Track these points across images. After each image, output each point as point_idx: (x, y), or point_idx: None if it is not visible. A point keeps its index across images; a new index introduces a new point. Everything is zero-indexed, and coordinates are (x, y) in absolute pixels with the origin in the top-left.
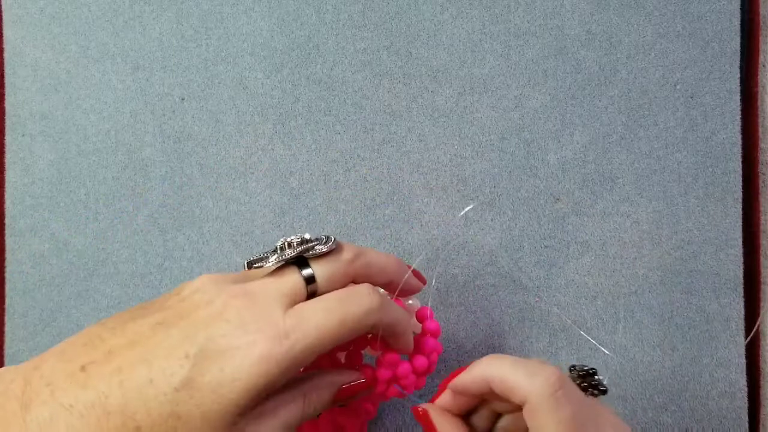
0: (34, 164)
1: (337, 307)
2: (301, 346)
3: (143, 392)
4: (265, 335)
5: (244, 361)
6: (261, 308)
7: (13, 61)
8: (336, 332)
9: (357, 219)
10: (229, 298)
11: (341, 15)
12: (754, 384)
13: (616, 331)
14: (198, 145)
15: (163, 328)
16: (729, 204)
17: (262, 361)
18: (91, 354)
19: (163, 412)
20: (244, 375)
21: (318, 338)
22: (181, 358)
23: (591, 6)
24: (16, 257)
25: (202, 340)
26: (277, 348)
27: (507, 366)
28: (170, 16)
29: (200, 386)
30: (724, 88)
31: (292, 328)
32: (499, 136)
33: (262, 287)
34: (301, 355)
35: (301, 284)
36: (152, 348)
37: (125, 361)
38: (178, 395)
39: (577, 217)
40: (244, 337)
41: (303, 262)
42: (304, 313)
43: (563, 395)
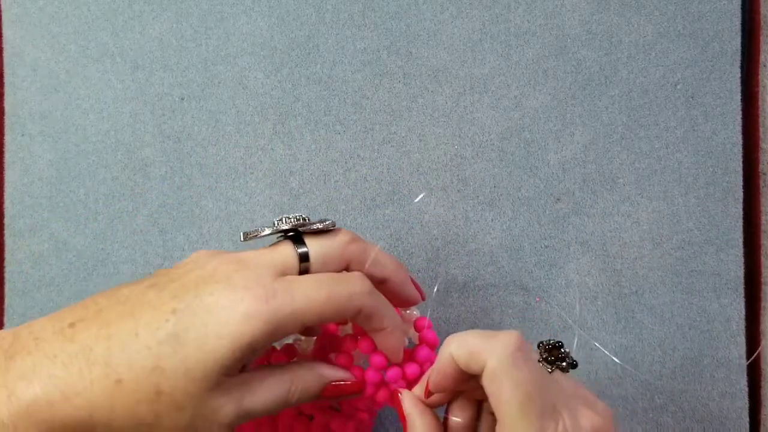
0: (34, 164)
1: (326, 281)
2: (287, 310)
3: (127, 345)
4: (252, 294)
5: (230, 318)
6: (251, 272)
7: (12, 61)
8: (322, 305)
9: (357, 219)
10: (220, 264)
11: (341, 15)
12: (755, 384)
13: (616, 331)
14: (198, 145)
15: (155, 290)
16: (729, 204)
17: (247, 319)
18: (82, 313)
19: (146, 365)
20: (228, 332)
21: (305, 306)
22: (167, 313)
23: (591, 6)
24: (16, 257)
25: (190, 297)
26: (263, 307)
27: (467, 336)
28: (170, 15)
29: (184, 341)
30: (724, 88)
31: (280, 291)
32: (499, 136)
33: (255, 256)
34: (285, 320)
35: (294, 259)
36: (141, 305)
37: (113, 317)
38: (162, 349)
39: (578, 217)
40: (231, 295)
41: (299, 241)
42: (293, 282)
43: (521, 357)
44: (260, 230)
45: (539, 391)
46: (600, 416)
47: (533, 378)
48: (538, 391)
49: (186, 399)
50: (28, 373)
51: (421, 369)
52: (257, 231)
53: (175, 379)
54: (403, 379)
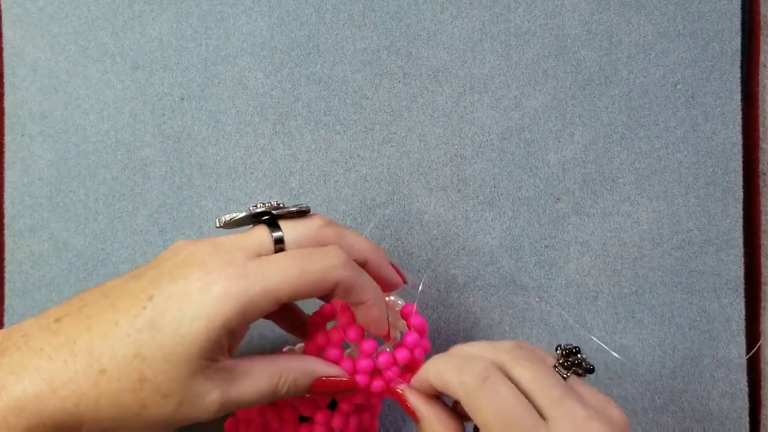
0: (34, 164)
1: (300, 256)
2: (260, 287)
3: (109, 335)
4: (224, 274)
5: (203, 300)
6: (225, 254)
7: (12, 61)
8: (296, 280)
9: (357, 219)
10: (196, 248)
11: (341, 15)
12: (755, 384)
13: (617, 331)
14: (198, 145)
15: (134, 279)
16: (729, 204)
17: (221, 300)
18: (67, 309)
19: (127, 353)
20: (202, 314)
21: (278, 282)
22: (144, 300)
23: (591, 6)
24: (16, 257)
25: (166, 283)
26: (235, 287)
27: (440, 365)
28: (170, 15)
29: (161, 327)
30: (724, 88)
31: (252, 270)
32: (499, 136)
33: (230, 240)
34: (258, 298)
35: (269, 242)
36: (121, 296)
37: (95, 309)
38: (141, 336)
39: (578, 217)
40: (205, 277)
41: (274, 225)
42: (266, 260)
43: (492, 384)
44: (236, 215)
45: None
46: (609, 426)
47: (508, 402)
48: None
49: (170, 385)
50: (16, 369)
51: (411, 354)
52: (233, 216)
53: (157, 365)
54: (396, 365)
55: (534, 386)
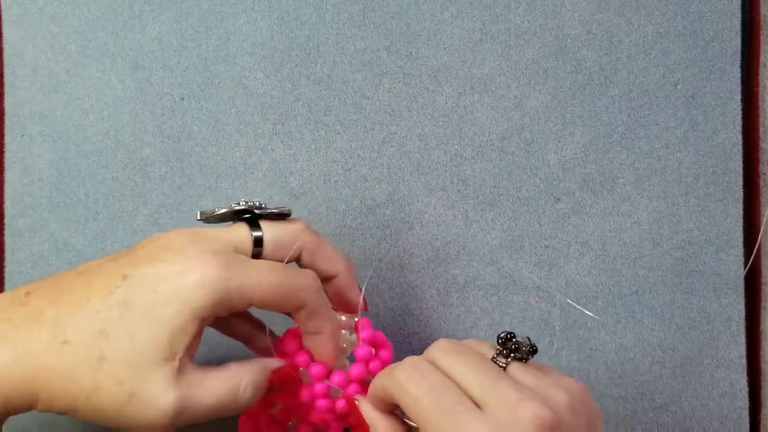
0: (34, 164)
1: (280, 270)
2: (238, 283)
3: (78, 309)
4: (204, 261)
5: (179, 284)
6: (206, 244)
7: (12, 61)
8: (273, 290)
9: (357, 219)
10: (177, 235)
11: (341, 15)
12: (755, 384)
13: (617, 331)
14: (198, 145)
15: (111, 260)
16: (729, 204)
17: (197, 286)
18: (40, 284)
19: (93, 328)
20: (176, 297)
21: (256, 285)
22: (118, 279)
23: (591, 6)
24: (16, 257)
25: (143, 265)
26: (215, 276)
27: (378, 375)
28: (170, 15)
29: (132, 306)
30: (724, 88)
31: (233, 264)
32: (499, 136)
33: (211, 232)
34: (234, 293)
35: (249, 240)
36: (96, 274)
37: (68, 285)
38: (110, 313)
39: (578, 217)
40: (183, 263)
41: (255, 225)
42: (247, 260)
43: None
44: (217, 209)
45: (450, 394)
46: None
47: (438, 386)
48: (449, 395)
49: (127, 370)
50: None
51: (367, 368)
52: (213, 210)
53: (120, 344)
54: (353, 382)
55: (465, 377)
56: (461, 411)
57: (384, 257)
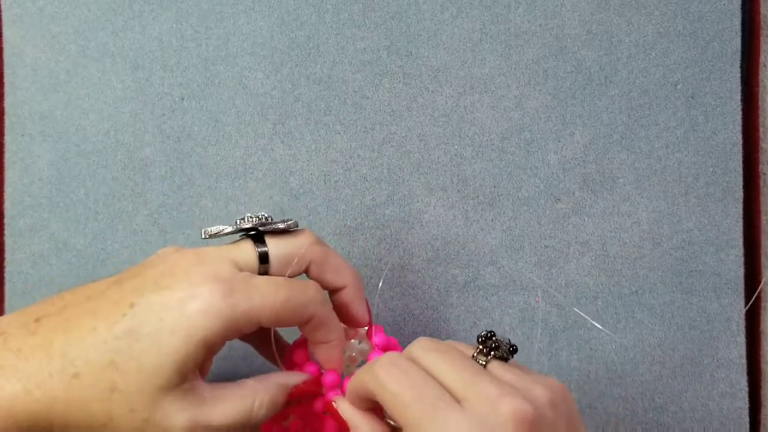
0: (34, 164)
1: (285, 285)
2: (243, 307)
3: (85, 339)
4: (209, 289)
5: (185, 313)
6: (210, 267)
7: (12, 61)
8: (279, 308)
9: (357, 219)
10: (180, 258)
11: (341, 15)
12: (755, 384)
13: (617, 331)
14: (198, 145)
15: (116, 285)
16: (729, 204)
17: (203, 314)
18: (48, 309)
19: (102, 360)
20: (182, 327)
21: (261, 305)
22: (125, 307)
23: (591, 6)
24: (16, 257)
25: (149, 292)
26: (220, 302)
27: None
28: (170, 15)
29: (139, 336)
30: (724, 88)
31: (237, 288)
32: (499, 136)
33: (215, 252)
34: (241, 318)
35: (254, 258)
36: (102, 301)
37: (75, 312)
38: (117, 344)
39: (578, 217)
40: (188, 290)
41: (260, 240)
42: (251, 280)
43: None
44: (222, 228)
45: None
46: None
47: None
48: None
49: (139, 398)
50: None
51: None
52: (219, 229)
53: (129, 375)
54: None
55: (445, 373)
56: (442, 406)
57: (385, 258)
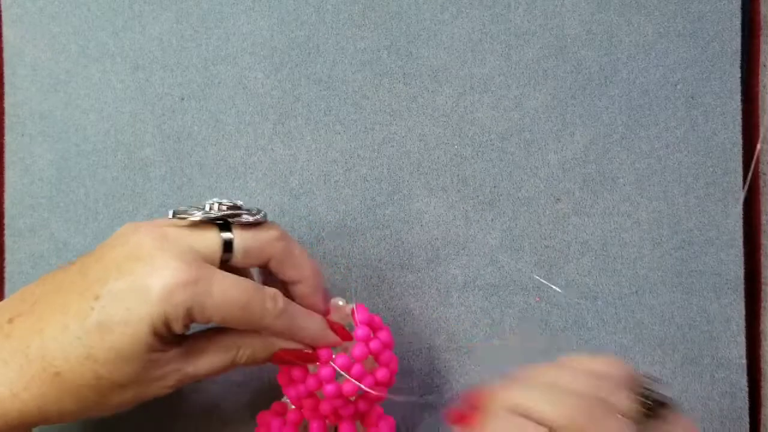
0: (34, 164)
1: (247, 291)
2: (201, 300)
3: (59, 338)
4: (171, 274)
5: (148, 299)
6: (173, 251)
7: (12, 61)
8: (235, 312)
9: (357, 219)
10: (143, 238)
11: (341, 15)
12: (755, 384)
13: (617, 331)
14: (198, 145)
15: (81, 274)
16: (729, 204)
17: (164, 301)
18: (20, 307)
19: (79, 355)
20: (147, 313)
21: (218, 305)
22: (91, 300)
23: (591, 6)
24: (16, 258)
25: (113, 280)
26: (180, 291)
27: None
28: (170, 15)
29: (110, 327)
30: (724, 88)
31: (201, 279)
32: (499, 136)
33: (179, 234)
34: (197, 310)
35: (218, 245)
36: (70, 293)
37: (46, 310)
38: (91, 338)
39: (578, 217)
40: (151, 274)
41: (226, 228)
42: (216, 274)
43: None
44: (191, 213)
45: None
46: None
47: None
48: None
49: (125, 378)
50: None
51: (368, 347)
52: (188, 213)
53: (109, 363)
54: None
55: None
56: None
57: (385, 258)
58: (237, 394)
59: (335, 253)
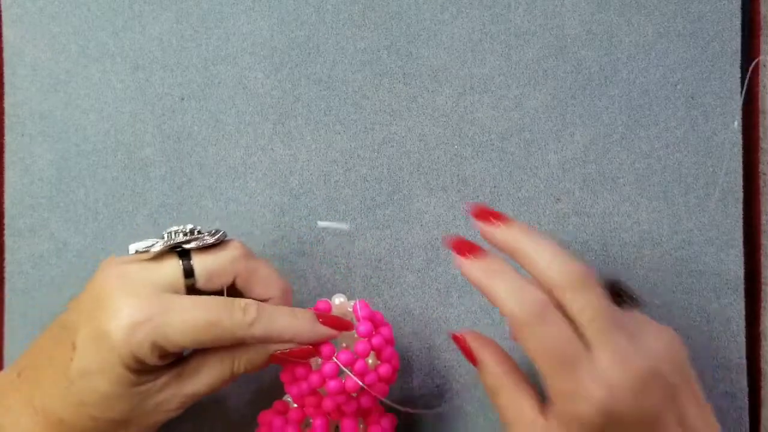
0: (34, 164)
1: (209, 308)
2: (162, 330)
3: (53, 388)
4: (128, 314)
5: (115, 342)
6: (130, 290)
7: (12, 61)
8: (201, 332)
9: (357, 219)
10: (105, 278)
11: (341, 15)
12: (755, 384)
13: None
14: (198, 145)
15: (62, 325)
16: (729, 204)
17: (128, 343)
18: (26, 361)
19: (72, 402)
20: (115, 357)
21: (180, 330)
22: (70, 350)
23: (591, 6)
24: (16, 258)
25: (82, 328)
26: (140, 330)
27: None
28: (170, 15)
29: (90, 373)
30: (724, 88)
31: (158, 314)
32: (499, 136)
33: (138, 271)
34: (162, 340)
35: (179, 274)
36: (57, 345)
37: (42, 362)
38: (77, 385)
39: (578, 218)
40: (110, 322)
41: (187, 254)
42: (174, 303)
43: (544, 324)
44: (150, 245)
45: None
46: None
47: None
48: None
49: (121, 415)
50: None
51: (370, 344)
52: (147, 247)
53: (100, 405)
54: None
55: (588, 322)
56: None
57: (385, 258)
58: (238, 393)
59: (335, 253)
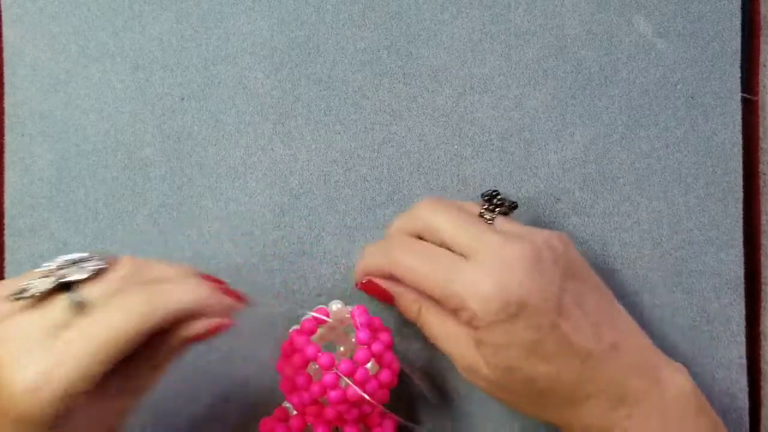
0: (34, 164)
1: (96, 334)
2: (62, 384)
3: None
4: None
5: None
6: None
7: (12, 61)
8: (99, 363)
9: (357, 219)
10: (4, 333)
11: (341, 15)
12: (755, 384)
13: None
14: (198, 145)
15: None
16: (729, 204)
17: (27, 394)
18: None
19: None
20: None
21: (76, 368)
22: None
23: (591, 6)
24: (16, 258)
25: None
26: (32, 394)
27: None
28: (170, 15)
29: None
30: (724, 88)
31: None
32: (499, 136)
33: (20, 322)
34: (66, 385)
35: (66, 313)
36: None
37: None
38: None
39: (578, 218)
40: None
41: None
42: (63, 349)
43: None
44: (29, 287)
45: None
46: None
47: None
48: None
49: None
50: None
51: (370, 351)
52: (25, 289)
53: None
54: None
55: (452, 231)
56: (454, 268)
57: None
58: (239, 399)
59: (335, 253)
